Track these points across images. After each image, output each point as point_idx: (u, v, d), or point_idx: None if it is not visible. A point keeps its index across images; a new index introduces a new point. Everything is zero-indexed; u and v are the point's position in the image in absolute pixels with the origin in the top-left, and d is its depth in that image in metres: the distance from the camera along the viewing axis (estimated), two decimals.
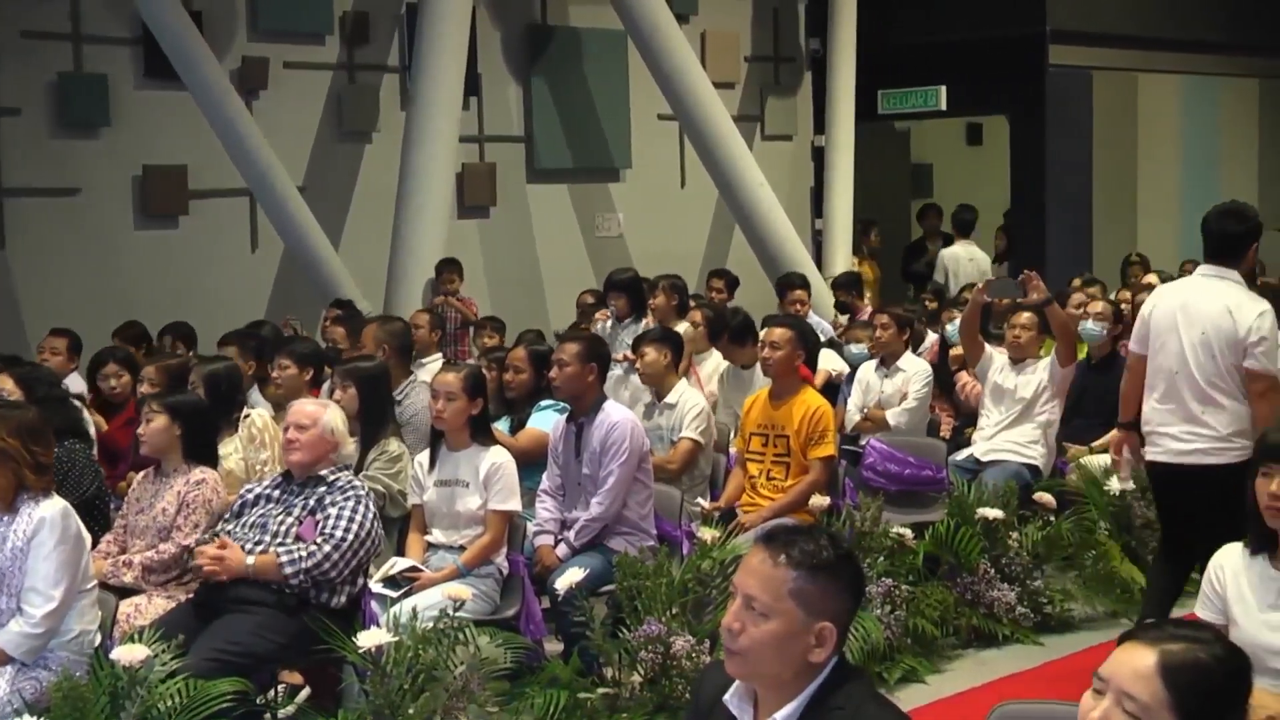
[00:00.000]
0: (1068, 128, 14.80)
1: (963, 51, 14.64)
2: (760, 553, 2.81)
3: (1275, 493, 3.66)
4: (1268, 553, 3.77)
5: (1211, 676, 2.42)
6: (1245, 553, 3.81)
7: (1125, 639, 2.50)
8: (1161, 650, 2.42)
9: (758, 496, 6.88)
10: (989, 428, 7.83)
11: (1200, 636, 2.44)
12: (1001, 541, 6.77)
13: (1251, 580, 3.77)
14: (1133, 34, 15.45)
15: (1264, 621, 3.71)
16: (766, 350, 7.03)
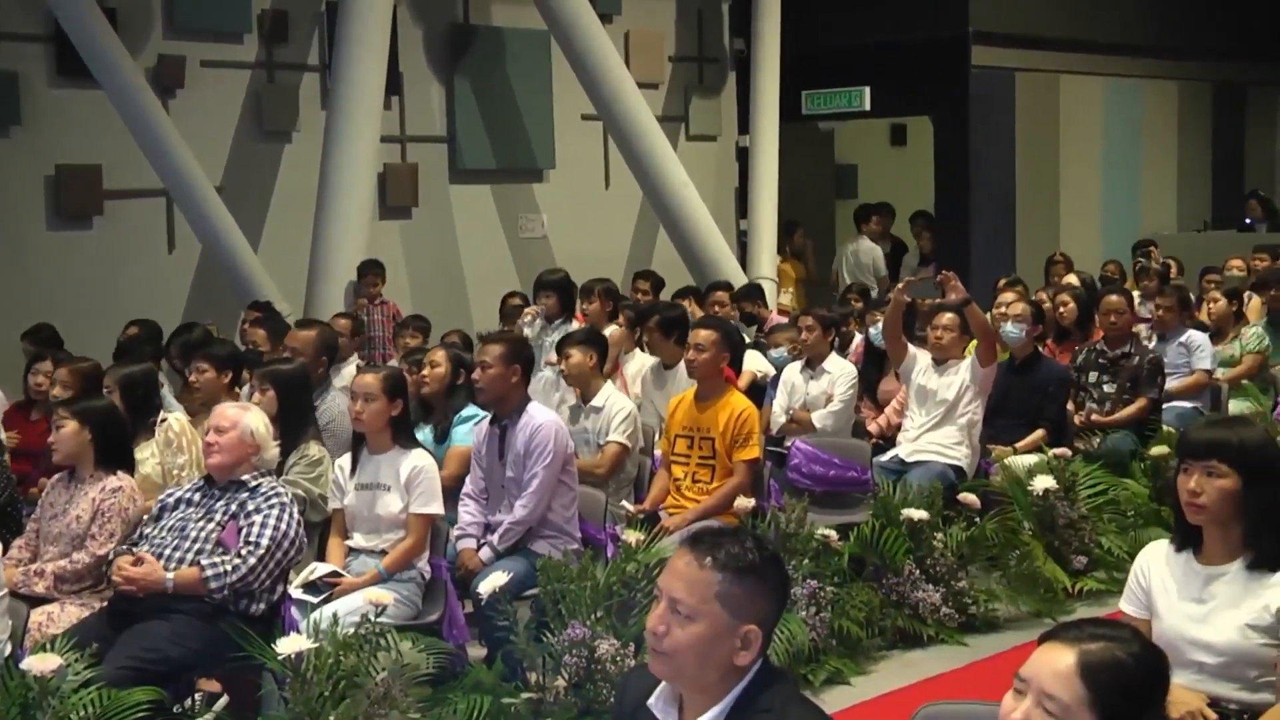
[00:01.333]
0: (991, 128, 14.96)
1: (886, 53, 14.76)
2: (685, 555, 2.81)
3: (1194, 490, 3.72)
4: (1192, 548, 3.82)
5: (1130, 675, 2.45)
6: (1170, 548, 3.87)
7: (1045, 639, 2.53)
8: (1080, 650, 2.45)
9: (683, 499, 6.89)
10: (913, 429, 7.88)
11: (1118, 635, 2.48)
12: (926, 542, 6.82)
13: (1175, 574, 3.82)
14: (1055, 35, 15.65)
15: (1186, 614, 3.76)
16: (691, 352, 7.04)
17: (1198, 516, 3.73)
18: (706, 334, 7.04)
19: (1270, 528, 3.69)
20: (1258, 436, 3.78)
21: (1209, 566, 3.77)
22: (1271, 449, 3.80)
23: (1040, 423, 8.22)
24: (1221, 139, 18.74)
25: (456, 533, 6.26)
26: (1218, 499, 3.70)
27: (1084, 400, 8.79)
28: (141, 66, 10.92)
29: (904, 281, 7.64)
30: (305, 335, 7.34)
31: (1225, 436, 3.73)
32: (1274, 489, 3.72)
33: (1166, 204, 18.05)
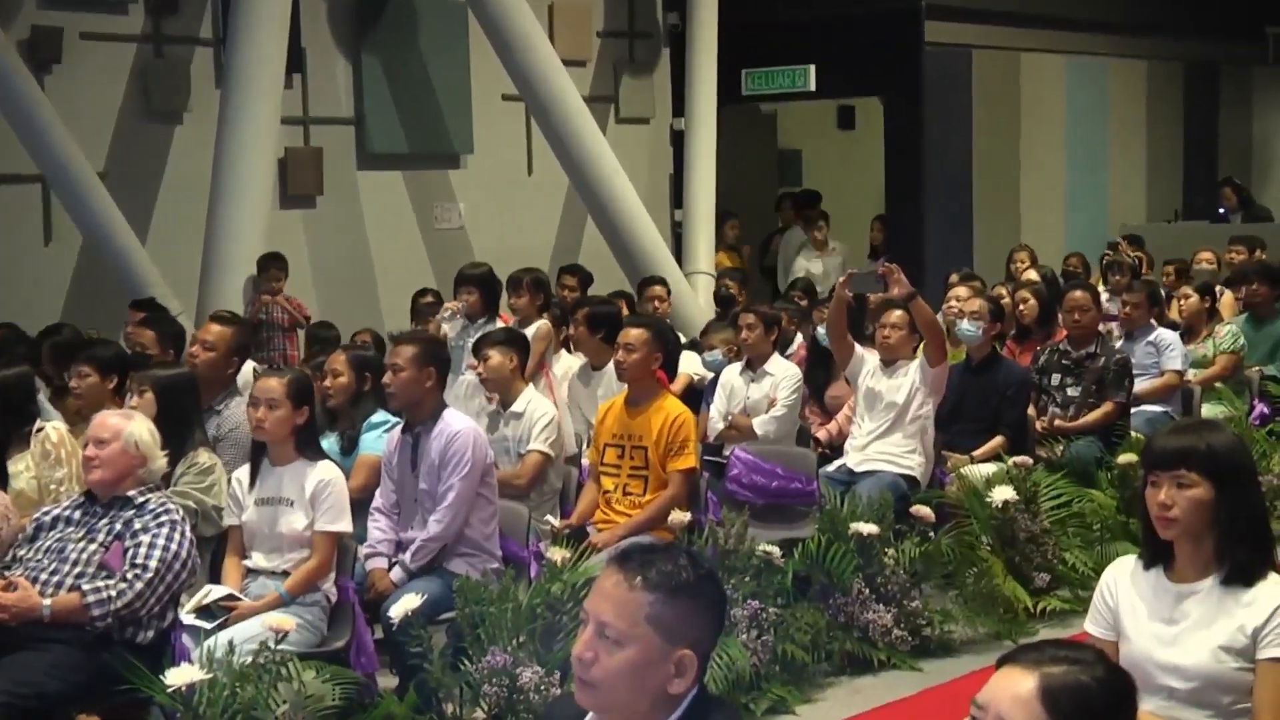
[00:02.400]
0: (946, 111, 15.06)
1: (833, 28, 14.82)
2: (614, 574, 2.81)
3: (1164, 502, 3.75)
4: (1162, 565, 3.86)
5: (1094, 700, 2.47)
6: (1139, 565, 3.90)
7: (1004, 662, 2.55)
8: (1042, 674, 2.47)
9: (612, 513, 6.89)
10: (861, 436, 7.93)
11: (1081, 658, 2.50)
12: (877, 559, 6.85)
13: (1144, 593, 3.85)
14: (1015, 10, 15.78)
15: (1155, 636, 3.79)
16: (621, 353, 7.04)
17: (1169, 530, 3.77)
18: (637, 333, 7.05)
19: (1244, 538, 3.73)
20: (1227, 441, 3.82)
21: (1180, 584, 3.81)
22: (1242, 453, 3.85)
23: (999, 429, 8.28)
24: (1193, 122, 18.97)
25: (365, 551, 6.23)
26: (1190, 510, 3.73)
27: (1046, 404, 8.87)
28: (13, 38, 10.79)
29: (846, 275, 7.66)
30: (220, 330, 7.25)
31: (1193, 443, 3.77)
32: (1246, 496, 3.77)
33: (1135, 193, 18.26)
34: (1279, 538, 4.11)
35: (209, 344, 7.12)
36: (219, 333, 7.21)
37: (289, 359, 10.62)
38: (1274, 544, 3.88)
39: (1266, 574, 3.74)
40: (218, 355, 7.08)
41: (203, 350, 7.11)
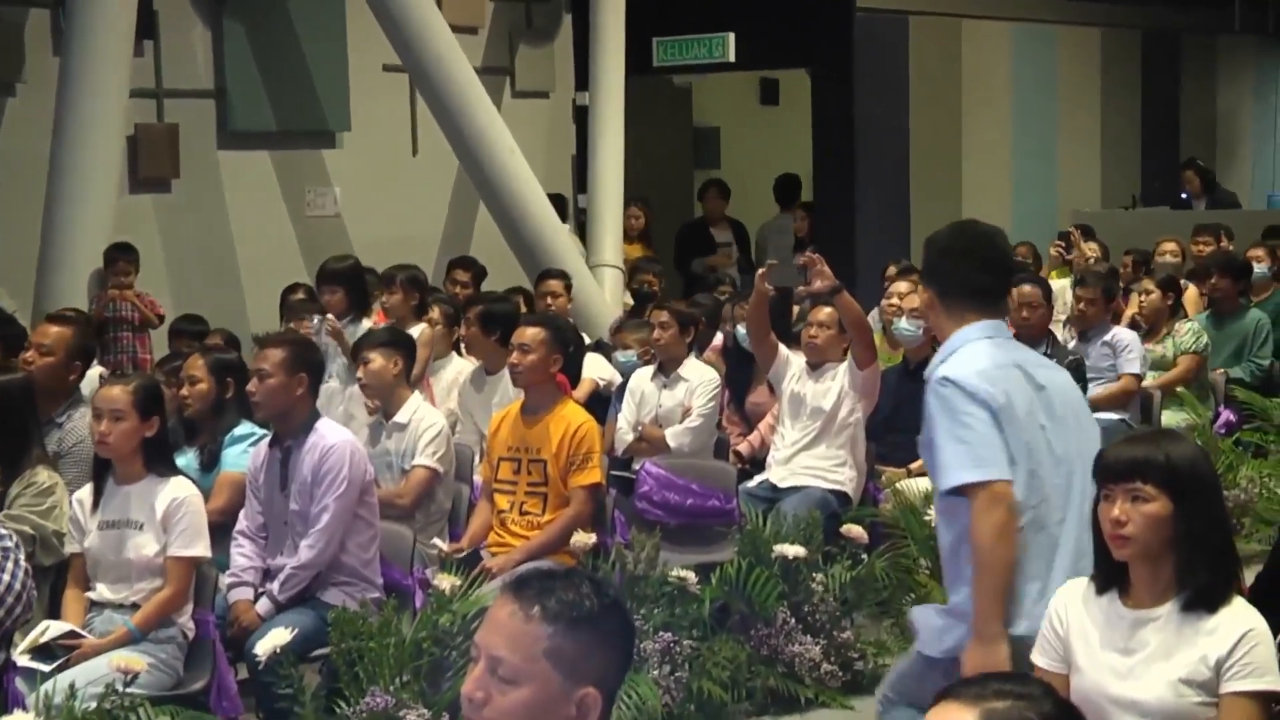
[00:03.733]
0: (880, 84, 15.14)
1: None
2: (508, 604, 2.81)
3: (1118, 518, 3.79)
4: (1116, 589, 3.90)
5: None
6: (1091, 589, 3.94)
7: (942, 697, 2.57)
8: (984, 710, 2.49)
9: (508, 535, 6.89)
10: (785, 447, 7.96)
11: (1028, 692, 2.52)
12: (803, 585, 6.89)
13: (1097, 620, 3.89)
14: None
15: (1110, 667, 3.84)
16: (516, 355, 7.04)
17: (1123, 550, 3.81)
18: (533, 332, 7.05)
19: (1206, 559, 3.78)
20: (1187, 452, 3.86)
21: (1137, 610, 3.85)
22: (1204, 465, 3.89)
23: None
24: (1152, 97, 19.21)
25: (228, 580, 6.20)
26: (1146, 528, 3.77)
27: None
28: None
29: (765, 267, 7.69)
30: (59, 331, 7.15)
31: (1149, 453, 3.81)
32: (1208, 513, 3.81)
33: (1088, 176, 18.47)
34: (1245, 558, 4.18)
35: (46, 348, 7.02)
36: (58, 334, 7.09)
37: (139, 363, 10.50)
38: (1239, 565, 3.94)
39: (1231, 598, 3.79)
40: (57, 360, 6.97)
41: (39, 355, 7.00)
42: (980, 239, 4.68)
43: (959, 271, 4.57)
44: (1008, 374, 4.41)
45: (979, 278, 4.55)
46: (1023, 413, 4.36)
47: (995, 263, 4.64)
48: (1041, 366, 4.56)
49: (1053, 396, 4.46)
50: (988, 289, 4.57)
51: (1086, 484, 4.16)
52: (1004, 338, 4.58)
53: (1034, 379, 4.46)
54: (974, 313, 4.54)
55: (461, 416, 8.55)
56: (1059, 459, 4.40)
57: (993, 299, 4.59)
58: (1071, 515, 4.35)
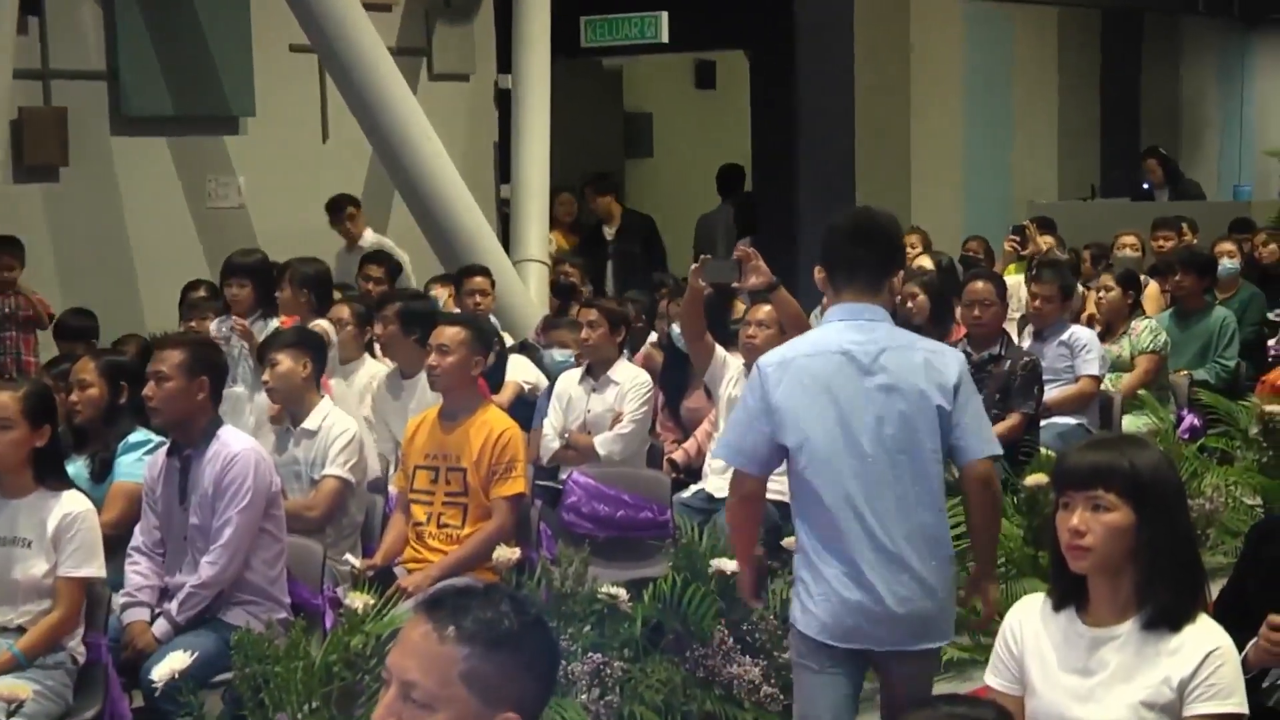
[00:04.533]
0: (823, 67, 15.19)
1: None
2: (422, 624, 2.80)
3: (1077, 528, 3.79)
4: (1074, 605, 3.91)
5: None
6: (1048, 606, 3.96)
7: None
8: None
9: (425, 549, 6.88)
10: None
11: (982, 716, 2.53)
12: (742, 602, 6.89)
13: (1054, 639, 3.91)
14: None
15: (1068, 689, 3.85)
16: (434, 356, 7.03)
17: (1081, 562, 3.82)
18: (452, 332, 7.05)
19: (1169, 574, 3.79)
20: (1152, 458, 3.88)
21: (1096, 628, 3.87)
22: (1169, 474, 3.91)
23: None
24: (1112, 81, 19.37)
25: (122, 600, 6.17)
26: (1106, 538, 3.79)
27: None
28: None
29: (699, 261, 7.68)
30: None
31: (1112, 460, 3.83)
32: (1173, 524, 3.83)
33: (1044, 165, 18.61)
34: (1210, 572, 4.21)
35: None
36: None
37: (25, 366, 10.42)
38: (1205, 580, 3.96)
39: (1196, 616, 3.81)
40: None
41: None
42: (867, 220, 5.23)
43: (840, 251, 5.12)
44: (805, 365, 5.01)
45: (857, 259, 5.08)
46: (808, 397, 4.97)
47: (876, 245, 5.12)
48: (887, 352, 4.99)
49: (864, 381, 4.96)
50: (861, 270, 5.07)
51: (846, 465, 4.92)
52: (860, 320, 5.03)
53: (854, 363, 4.97)
54: (849, 292, 5.08)
55: (375, 423, 8.51)
56: (847, 447, 4.96)
57: (866, 281, 5.06)
58: (848, 501, 4.96)
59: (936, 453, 5.03)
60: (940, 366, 5.02)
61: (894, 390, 4.95)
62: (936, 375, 4.99)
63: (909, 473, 4.96)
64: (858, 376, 4.94)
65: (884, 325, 5.06)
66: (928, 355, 5.04)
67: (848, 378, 4.94)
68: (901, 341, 5.06)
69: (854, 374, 4.94)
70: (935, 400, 4.96)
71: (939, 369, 5.01)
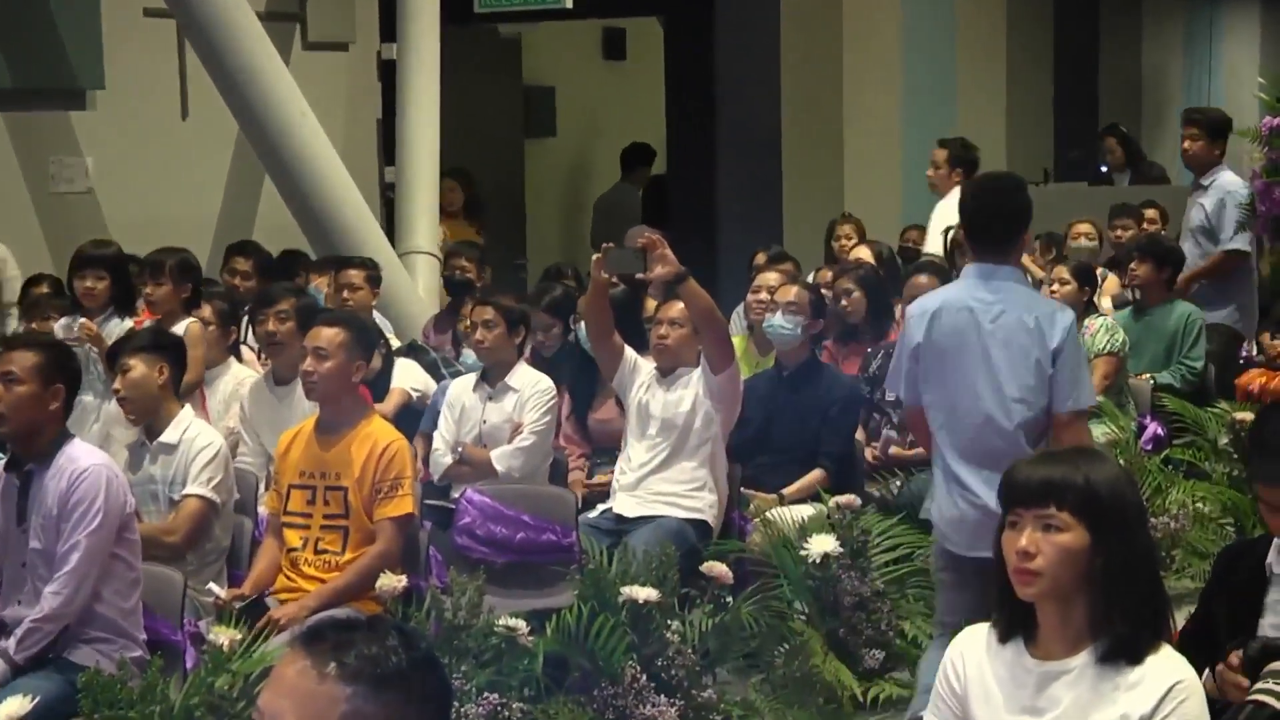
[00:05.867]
0: (746, 37, 15.22)
1: None
2: (298, 660, 2.80)
3: (1025, 549, 3.81)
4: (1021, 637, 3.93)
5: None
6: (992, 637, 3.98)
7: None
8: None
9: (300, 578, 6.87)
10: (632, 470, 7.98)
11: None
12: (656, 634, 6.89)
13: (1000, 674, 3.93)
14: None
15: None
16: (310, 361, 7.01)
17: (1030, 587, 3.84)
18: (330, 334, 7.04)
19: (1128, 601, 3.81)
20: (1109, 473, 3.90)
21: (1046, 662, 3.88)
22: (1127, 490, 3.93)
23: (819, 459, 8.41)
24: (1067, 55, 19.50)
25: None
26: (1058, 561, 3.79)
27: (879, 426, 9.03)
28: None
29: (601, 251, 7.68)
30: None
31: (1066, 474, 3.84)
32: (1132, 545, 3.85)
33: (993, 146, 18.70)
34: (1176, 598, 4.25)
35: None
36: None
37: None
38: (1168, 607, 3.99)
39: (1158, 646, 3.83)
40: None
41: None
42: (993, 187, 6.87)
43: (971, 216, 6.69)
44: (938, 314, 6.49)
45: (985, 224, 6.56)
46: (938, 345, 6.48)
47: (1002, 212, 6.55)
48: (997, 308, 6.40)
49: (985, 335, 6.40)
50: (989, 234, 6.53)
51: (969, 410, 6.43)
52: (980, 280, 6.48)
53: (976, 318, 6.41)
54: (981, 253, 6.56)
55: (244, 435, 8.47)
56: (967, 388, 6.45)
57: (992, 244, 6.50)
58: (965, 435, 6.46)
59: (1036, 403, 6.38)
60: (1048, 329, 6.36)
61: (1006, 346, 6.38)
62: (1043, 336, 6.34)
63: (1011, 421, 6.38)
64: (978, 331, 6.42)
65: (1009, 285, 6.47)
66: (1039, 317, 6.38)
67: (970, 331, 6.43)
68: (1020, 303, 6.43)
69: (975, 328, 6.42)
70: (1036, 356, 6.34)
71: (1046, 331, 6.35)
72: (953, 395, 6.49)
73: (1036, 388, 6.37)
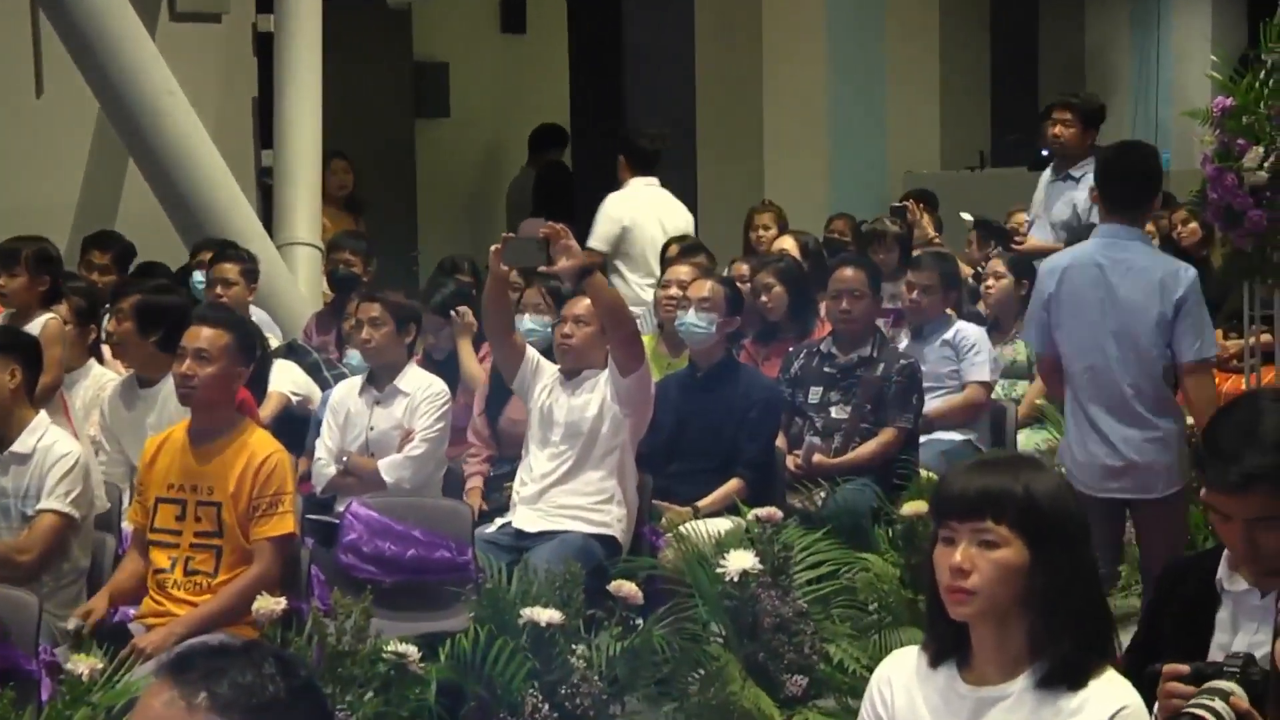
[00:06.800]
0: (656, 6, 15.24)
1: None
2: (165, 690, 2.79)
3: (960, 565, 3.80)
4: (954, 660, 3.94)
5: None
6: (923, 661, 3.99)
7: None
8: None
9: (169, 602, 6.84)
10: (533, 481, 7.98)
11: None
12: (560, 660, 6.90)
13: (931, 701, 3.93)
14: None
15: None
16: (189, 363, 6.97)
17: (963, 607, 3.84)
18: (210, 334, 7.01)
19: (1069, 622, 3.82)
20: (1050, 484, 3.91)
21: (981, 688, 3.89)
22: (1068, 501, 3.92)
23: (736, 468, 8.43)
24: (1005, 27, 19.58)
25: None
26: (995, 580, 3.79)
27: (801, 432, 9.05)
28: None
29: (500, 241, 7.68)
30: None
31: (1005, 484, 3.84)
32: (1074, 562, 3.85)
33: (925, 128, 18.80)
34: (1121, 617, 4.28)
35: None
36: None
37: None
38: (1113, 627, 4.00)
39: (1101, 669, 3.84)
40: None
41: None
42: (1125, 153, 8.19)
43: (1103, 180, 7.91)
44: (1069, 271, 7.73)
45: (1117, 188, 7.79)
46: (1068, 300, 7.68)
47: (1132, 177, 7.82)
48: (1119, 267, 7.61)
49: (1111, 291, 7.59)
50: (1120, 198, 7.75)
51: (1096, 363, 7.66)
52: (1107, 240, 7.72)
53: (1103, 275, 7.60)
54: (1112, 215, 7.75)
55: (106, 444, 8.43)
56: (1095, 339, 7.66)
57: (1122, 207, 7.71)
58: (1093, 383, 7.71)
59: (1160, 357, 7.59)
60: (1171, 284, 7.50)
61: (1131, 300, 7.53)
62: (1167, 291, 7.47)
63: (1135, 369, 7.60)
64: (1106, 286, 7.58)
65: (1135, 244, 7.68)
66: (1164, 276, 7.52)
67: (1098, 286, 7.60)
68: (1144, 263, 7.61)
69: (1103, 284, 7.59)
70: (1160, 309, 7.47)
71: (1170, 285, 7.49)
72: (1081, 346, 7.68)
73: (1160, 339, 7.53)
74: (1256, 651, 3.92)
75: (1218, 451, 4.21)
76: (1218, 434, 4.28)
